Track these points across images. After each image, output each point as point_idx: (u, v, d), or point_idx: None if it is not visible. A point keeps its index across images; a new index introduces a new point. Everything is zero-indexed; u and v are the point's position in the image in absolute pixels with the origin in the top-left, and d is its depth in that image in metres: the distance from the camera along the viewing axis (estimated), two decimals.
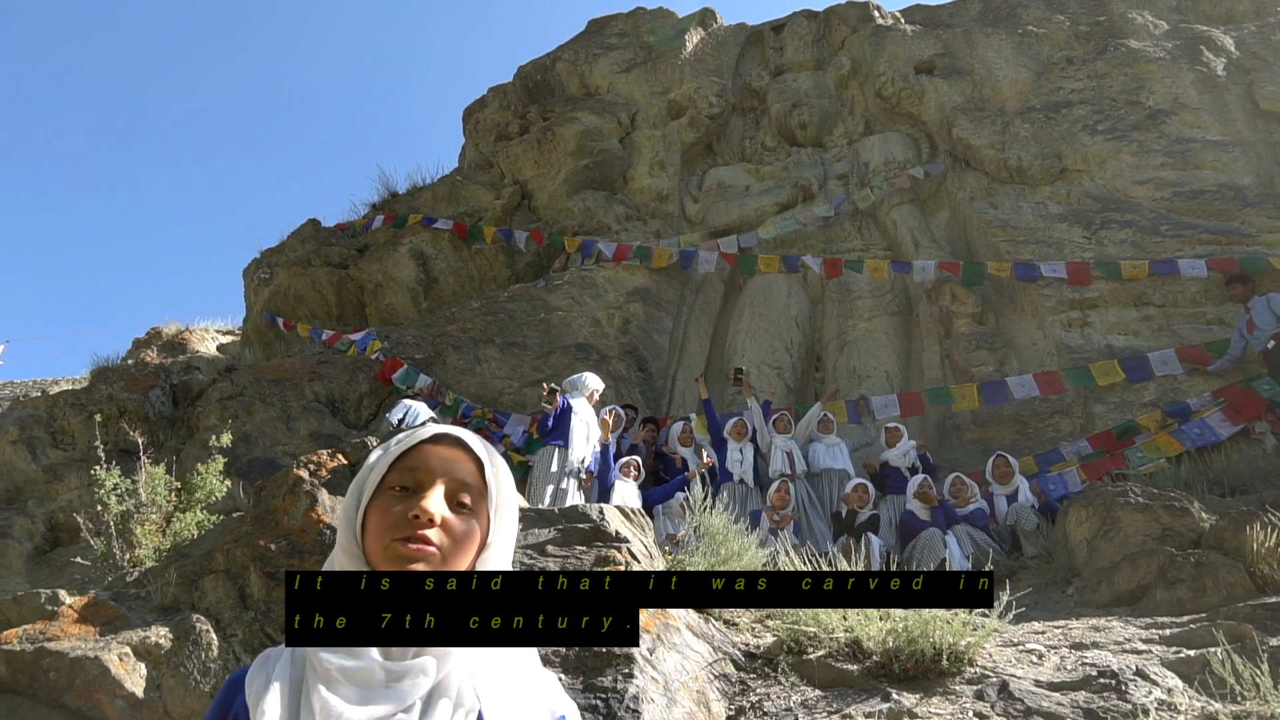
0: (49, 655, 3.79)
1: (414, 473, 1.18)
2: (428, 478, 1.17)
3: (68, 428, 10.88)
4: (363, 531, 1.17)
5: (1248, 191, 10.33)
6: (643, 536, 4.79)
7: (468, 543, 1.18)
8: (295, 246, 14.39)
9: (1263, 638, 4.00)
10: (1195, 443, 8.19)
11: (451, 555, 1.16)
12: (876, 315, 11.38)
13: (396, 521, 1.14)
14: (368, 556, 1.16)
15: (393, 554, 1.13)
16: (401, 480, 1.18)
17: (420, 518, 1.14)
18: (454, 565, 1.16)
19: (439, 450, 1.20)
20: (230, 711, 1.14)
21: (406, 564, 1.13)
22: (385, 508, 1.16)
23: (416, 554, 1.13)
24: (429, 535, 1.14)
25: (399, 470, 1.18)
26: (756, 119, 14.31)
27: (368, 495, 1.18)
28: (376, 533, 1.15)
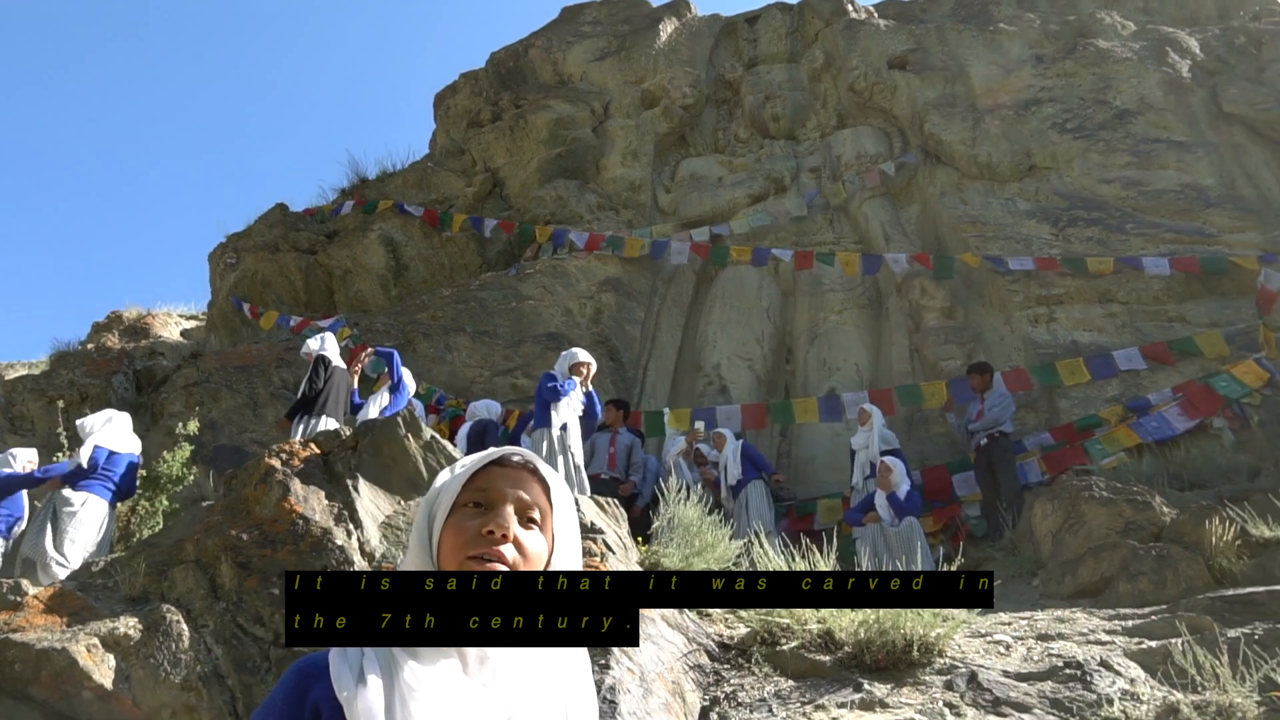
0: (14, 646, 3.72)
1: (485, 492, 1.24)
2: (499, 496, 1.24)
3: (27, 413, 10.67)
4: (438, 549, 1.22)
5: (1210, 192, 10.53)
6: (617, 528, 4.80)
7: (536, 559, 1.24)
8: (263, 231, 14.21)
9: (1222, 629, 4.10)
10: (1152, 435, 8.37)
11: (522, 570, 1.21)
12: (847, 308, 11.47)
13: (471, 538, 1.20)
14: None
15: (469, 570, 1.19)
16: (473, 499, 1.24)
17: (495, 533, 1.20)
18: None
19: (508, 471, 1.26)
20: (308, 700, 1.14)
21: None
22: (459, 525, 1.22)
23: (492, 571, 1.18)
24: (502, 551, 1.20)
25: (470, 489, 1.24)
26: (730, 110, 14.34)
27: (441, 515, 1.23)
28: (452, 549, 1.20)
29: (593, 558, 4.06)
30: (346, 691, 1.11)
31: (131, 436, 6.59)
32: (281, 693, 1.17)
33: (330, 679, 1.13)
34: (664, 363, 11.40)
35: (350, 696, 1.10)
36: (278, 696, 1.17)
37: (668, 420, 9.47)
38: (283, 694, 1.17)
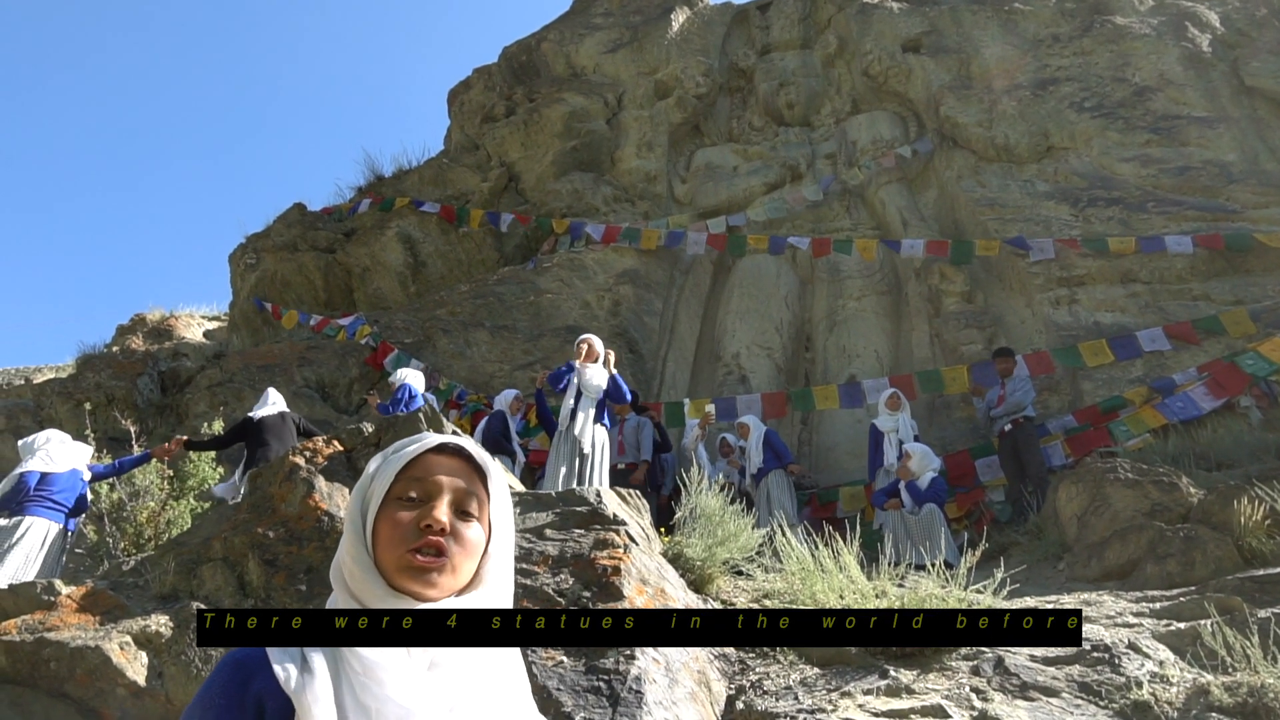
0: (49, 645, 3.79)
1: (421, 483, 1.21)
2: (435, 487, 1.20)
3: (55, 416, 10.81)
4: (373, 540, 1.18)
5: (1233, 168, 10.38)
6: (640, 519, 4.81)
7: (472, 549, 1.21)
8: (281, 231, 14.30)
9: (1252, 609, 4.06)
10: (1178, 416, 8.28)
11: (459, 563, 1.19)
12: (866, 295, 11.41)
13: (408, 532, 1.17)
14: (380, 566, 1.17)
15: (405, 564, 1.16)
16: (409, 490, 1.20)
17: (433, 526, 1.17)
18: (460, 572, 1.19)
19: (442, 459, 1.23)
20: (250, 692, 1.09)
21: (421, 574, 1.15)
22: (395, 517, 1.18)
23: (429, 564, 1.16)
24: (442, 543, 1.17)
25: (405, 480, 1.21)
26: (743, 99, 14.27)
27: (375, 504, 1.20)
28: (389, 543, 1.17)
29: (616, 549, 4.07)
30: (293, 682, 1.08)
31: (72, 453, 6.49)
32: (219, 686, 1.11)
33: (272, 670, 1.09)
34: (683, 353, 11.39)
35: (298, 688, 1.07)
36: (214, 690, 1.10)
37: (687, 411, 9.47)
38: (220, 687, 1.10)
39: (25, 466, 6.23)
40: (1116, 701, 3.55)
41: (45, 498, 6.12)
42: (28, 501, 6.05)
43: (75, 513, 6.33)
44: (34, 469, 6.22)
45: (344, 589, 1.19)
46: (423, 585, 1.16)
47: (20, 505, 6.03)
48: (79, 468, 6.45)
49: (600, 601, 3.69)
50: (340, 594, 1.19)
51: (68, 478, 6.30)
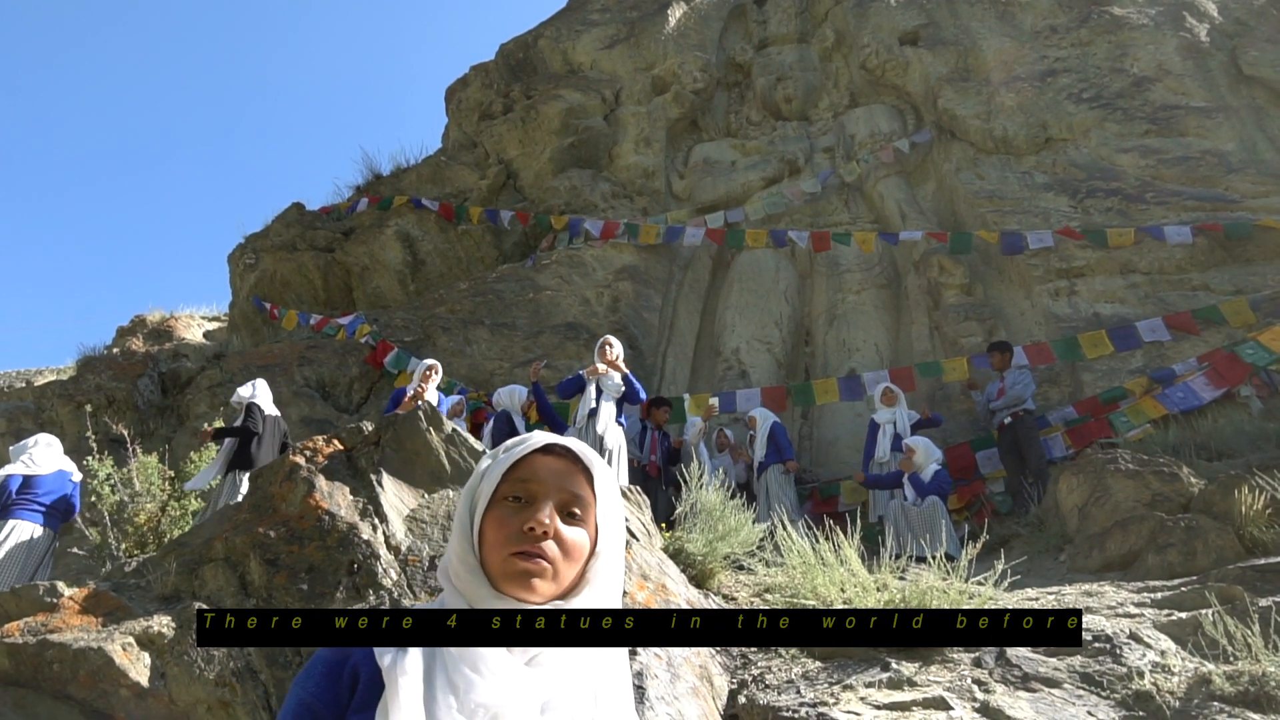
0: (52, 647, 3.79)
1: (527, 484, 1.22)
2: (541, 489, 1.21)
3: (56, 418, 10.82)
4: (480, 542, 1.20)
5: (1231, 157, 10.37)
6: (640, 514, 4.82)
7: (576, 553, 1.21)
8: (280, 231, 14.30)
9: (1253, 599, 4.07)
10: (1178, 406, 8.27)
11: (563, 567, 1.20)
12: (865, 288, 11.40)
13: (512, 535, 1.18)
14: (486, 568, 1.19)
15: (510, 568, 1.17)
16: (514, 491, 1.22)
17: (536, 530, 1.18)
18: (564, 575, 1.20)
19: (549, 461, 1.24)
20: (348, 665, 1.15)
21: (525, 579, 1.17)
22: (501, 520, 1.20)
23: (534, 569, 1.17)
24: (545, 548, 1.18)
25: (511, 481, 1.22)
26: (741, 93, 14.26)
27: (482, 505, 1.22)
28: (494, 546, 1.19)
29: None
30: (388, 657, 1.12)
31: (58, 458, 6.57)
32: (322, 657, 1.17)
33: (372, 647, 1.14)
34: (683, 349, 11.39)
35: (392, 663, 1.11)
36: (318, 663, 1.17)
37: (688, 406, 9.47)
38: (323, 661, 1.17)
39: (6, 470, 6.31)
40: (1118, 692, 3.55)
41: (30, 501, 6.17)
42: (11, 505, 6.12)
43: (62, 515, 6.36)
44: (16, 473, 6.29)
45: (452, 589, 1.21)
46: (524, 590, 1.17)
47: (3, 509, 6.10)
48: (66, 469, 6.49)
49: None
50: (450, 594, 1.21)
51: (53, 479, 6.35)
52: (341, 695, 1.13)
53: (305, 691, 1.14)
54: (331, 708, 1.13)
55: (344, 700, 1.13)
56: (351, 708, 1.13)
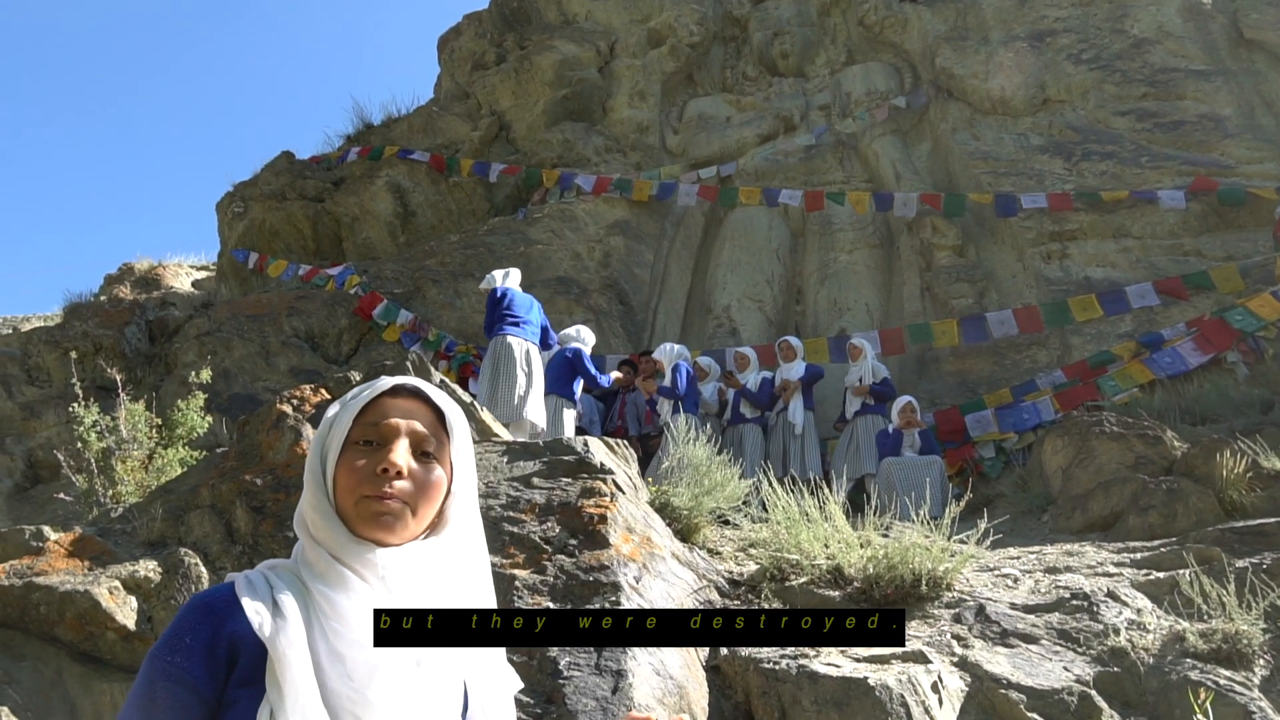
0: (38, 590, 3.81)
1: (377, 427, 1.19)
2: (391, 431, 1.19)
3: (43, 365, 10.77)
4: (334, 488, 1.18)
5: (1228, 122, 10.31)
6: (627, 468, 4.84)
7: (433, 491, 1.20)
8: (269, 180, 14.13)
9: (1230, 560, 4.13)
10: (1166, 371, 8.32)
11: (419, 505, 1.18)
12: (857, 248, 11.37)
13: (365, 477, 1.16)
14: (340, 512, 1.17)
15: (364, 510, 1.15)
16: (365, 435, 1.19)
17: (389, 471, 1.16)
18: (421, 514, 1.19)
19: (399, 402, 1.22)
20: (222, 635, 1.09)
21: (379, 519, 1.15)
22: (352, 464, 1.17)
23: (387, 509, 1.15)
24: (400, 488, 1.16)
25: (361, 425, 1.20)
26: (738, 48, 14.06)
27: (334, 451, 1.19)
28: (346, 489, 1.17)
29: (603, 498, 4.09)
30: (267, 627, 1.08)
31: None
32: (189, 629, 1.10)
33: (244, 613, 1.09)
34: (674, 305, 11.37)
35: (273, 633, 1.07)
36: (184, 632, 1.10)
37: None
38: (191, 630, 1.10)
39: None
40: (1094, 648, 3.62)
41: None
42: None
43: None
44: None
45: (309, 538, 1.18)
46: (382, 530, 1.16)
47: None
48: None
49: (586, 549, 3.72)
50: (306, 543, 1.18)
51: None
52: (219, 668, 1.08)
53: (176, 666, 1.07)
54: (208, 682, 1.07)
55: (221, 674, 1.08)
56: (233, 680, 1.08)
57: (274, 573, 1.17)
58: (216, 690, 1.07)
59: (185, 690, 1.06)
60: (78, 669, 3.74)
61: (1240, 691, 3.23)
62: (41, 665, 3.74)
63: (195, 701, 1.06)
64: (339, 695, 1.07)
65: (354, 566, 1.14)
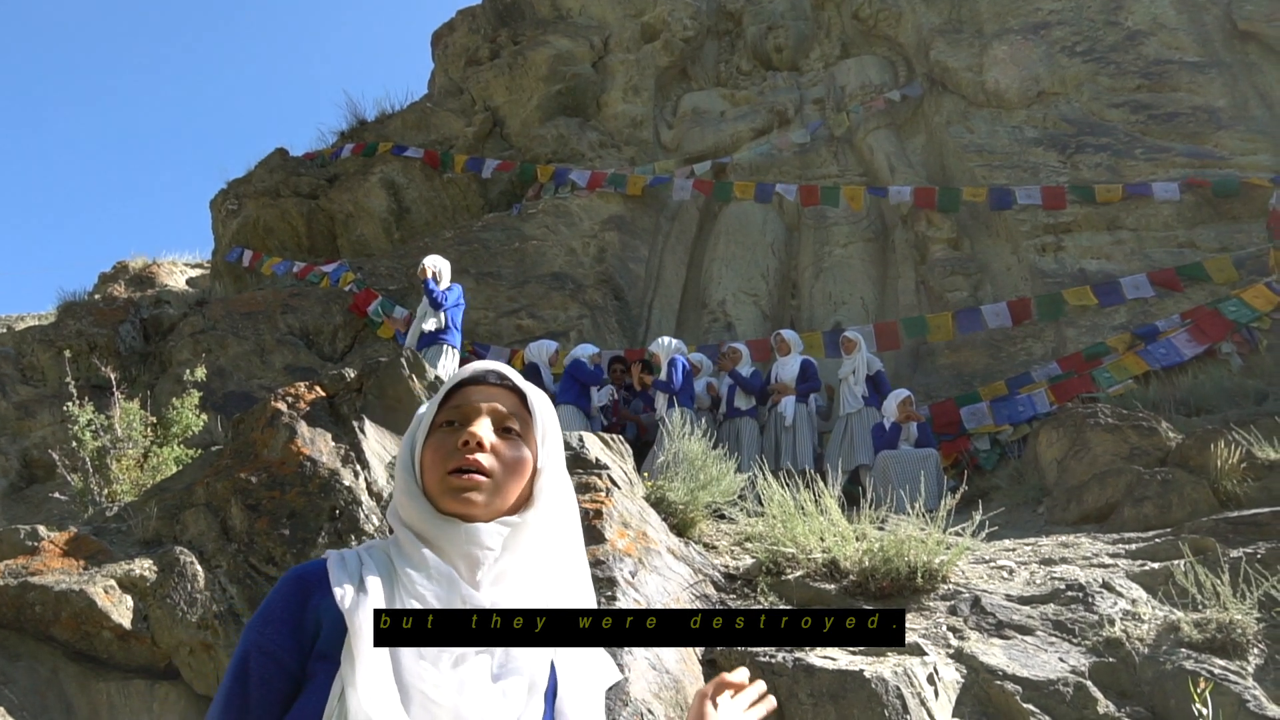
0: (34, 589, 3.80)
1: (459, 409, 1.23)
2: (473, 410, 1.22)
3: (37, 364, 10.74)
4: (421, 471, 1.21)
5: (1222, 114, 10.32)
6: (622, 463, 4.84)
7: (519, 467, 1.21)
8: (263, 177, 14.09)
9: (1224, 550, 4.13)
10: (1160, 362, 8.34)
11: (505, 481, 1.20)
12: (852, 241, 11.37)
13: (449, 453, 1.19)
14: (427, 493, 1.19)
15: (446, 485, 1.17)
16: (448, 417, 1.23)
17: (469, 443, 1.18)
18: (508, 491, 1.20)
19: (481, 388, 1.25)
20: (308, 609, 1.13)
21: (460, 493, 1.16)
22: (437, 445, 1.20)
23: (468, 484, 1.17)
24: (480, 460, 1.18)
25: (445, 410, 1.24)
26: (731, 42, 14.04)
27: (421, 437, 1.23)
28: (431, 467, 1.19)
29: (598, 493, 4.09)
30: (348, 601, 1.10)
31: None
32: (280, 601, 1.15)
33: (331, 589, 1.12)
34: (669, 300, 11.36)
35: (352, 607, 1.10)
36: (276, 604, 1.15)
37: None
38: (281, 602, 1.14)
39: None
40: (1089, 639, 3.62)
41: None
42: None
43: None
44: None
45: (399, 522, 1.20)
46: (463, 505, 1.17)
47: None
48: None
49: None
50: (398, 529, 1.20)
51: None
52: (304, 642, 1.11)
53: (265, 638, 1.11)
54: (295, 654, 1.11)
55: (306, 646, 1.11)
56: (315, 653, 1.11)
57: (368, 552, 1.19)
58: (302, 661, 1.11)
59: (273, 662, 1.10)
60: (74, 668, 3.74)
61: (1235, 680, 3.24)
62: (37, 665, 3.73)
63: (280, 672, 1.10)
64: (412, 673, 1.07)
65: (440, 544, 1.16)
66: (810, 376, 8.49)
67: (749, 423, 8.39)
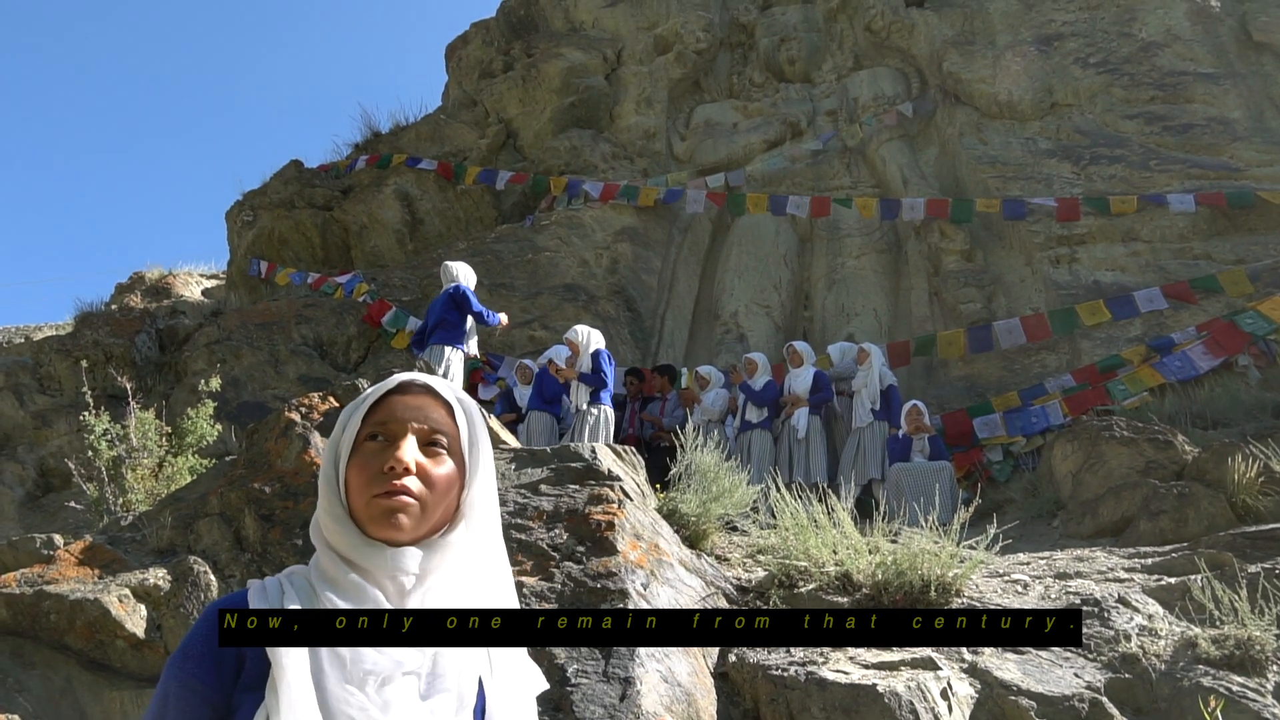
0: (49, 598, 3.82)
1: (385, 425, 1.18)
2: (399, 427, 1.18)
3: (54, 374, 10.83)
4: (346, 490, 1.17)
5: (1237, 125, 10.28)
6: (634, 474, 4.83)
7: (445, 485, 1.18)
8: (278, 188, 14.19)
9: (1242, 565, 4.09)
10: (1176, 375, 8.27)
11: (431, 500, 1.17)
12: (865, 253, 11.35)
13: (374, 476, 1.15)
14: (353, 515, 1.16)
15: (374, 509, 1.14)
16: (373, 432, 1.19)
17: (396, 468, 1.14)
18: (434, 510, 1.17)
19: (406, 399, 1.20)
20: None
21: (389, 516, 1.13)
22: (362, 464, 1.16)
23: (395, 506, 1.13)
24: (407, 485, 1.14)
25: (370, 424, 1.19)
26: (744, 54, 14.07)
27: (345, 453, 1.18)
28: (357, 489, 1.16)
29: (610, 505, 4.09)
30: None
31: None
32: (201, 636, 1.12)
33: None
34: (681, 312, 11.37)
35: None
36: (196, 639, 1.12)
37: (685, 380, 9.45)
38: (203, 637, 1.12)
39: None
40: (1105, 654, 3.59)
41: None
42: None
43: None
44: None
45: (324, 544, 1.17)
46: (390, 529, 1.14)
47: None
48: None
49: (594, 556, 3.71)
50: (321, 551, 1.18)
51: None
52: (226, 675, 1.10)
53: (186, 672, 1.09)
54: (216, 688, 1.09)
55: (229, 680, 1.10)
56: (240, 685, 1.09)
57: (289, 579, 1.17)
58: (225, 695, 1.09)
59: (194, 695, 1.08)
60: (87, 677, 3.75)
61: (1253, 698, 3.20)
62: (51, 673, 3.75)
63: (202, 705, 1.08)
64: (337, 698, 1.06)
65: (367, 568, 1.14)
66: (823, 388, 8.45)
67: (761, 435, 8.37)
